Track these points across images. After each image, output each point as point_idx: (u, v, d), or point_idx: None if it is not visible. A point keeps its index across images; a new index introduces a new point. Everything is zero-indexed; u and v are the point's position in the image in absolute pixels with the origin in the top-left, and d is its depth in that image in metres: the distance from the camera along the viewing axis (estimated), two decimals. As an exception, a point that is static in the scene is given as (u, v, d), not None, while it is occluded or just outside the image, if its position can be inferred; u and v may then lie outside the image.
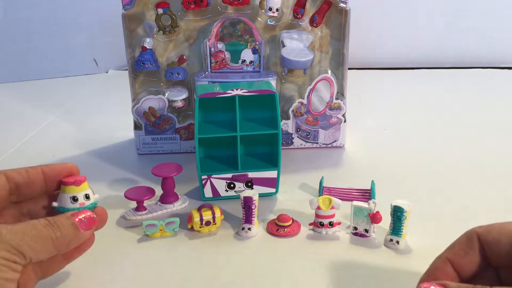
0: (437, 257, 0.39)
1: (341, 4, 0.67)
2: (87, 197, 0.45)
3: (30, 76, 1.16)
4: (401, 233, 0.51)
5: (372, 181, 0.62)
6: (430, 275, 0.38)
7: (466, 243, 0.38)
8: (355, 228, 0.54)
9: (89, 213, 0.42)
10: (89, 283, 0.48)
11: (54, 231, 0.39)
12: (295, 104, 0.72)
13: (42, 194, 0.45)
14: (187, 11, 0.68)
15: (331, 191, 0.62)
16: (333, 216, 0.54)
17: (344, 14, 0.68)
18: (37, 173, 0.43)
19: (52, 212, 0.44)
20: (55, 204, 0.45)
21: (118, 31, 0.69)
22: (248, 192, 0.54)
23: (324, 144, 0.75)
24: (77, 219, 0.41)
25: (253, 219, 0.55)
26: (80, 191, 0.45)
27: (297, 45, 0.69)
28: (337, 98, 0.72)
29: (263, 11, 0.68)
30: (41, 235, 0.38)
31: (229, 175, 0.60)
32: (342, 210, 0.54)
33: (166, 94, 0.71)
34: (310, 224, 0.55)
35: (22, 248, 0.36)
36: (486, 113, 0.89)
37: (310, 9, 0.69)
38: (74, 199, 0.44)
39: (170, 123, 0.72)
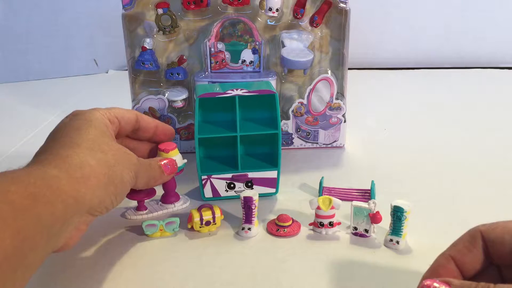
0: (440, 255, 0.39)
1: (341, 4, 0.67)
2: None
3: (30, 76, 1.16)
4: (401, 233, 0.51)
5: (372, 181, 0.62)
6: (433, 272, 0.38)
7: (469, 241, 0.38)
8: (355, 228, 0.54)
9: (171, 161, 0.55)
10: (89, 283, 0.48)
11: (152, 171, 0.52)
12: (295, 104, 0.72)
13: (147, 140, 0.58)
14: (187, 11, 0.68)
15: (331, 191, 0.62)
16: (333, 216, 0.54)
17: (344, 14, 0.68)
18: (153, 125, 0.57)
19: (149, 155, 0.59)
20: None
21: (118, 31, 0.69)
22: (248, 192, 0.54)
23: (324, 144, 0.75)
24: (162, 163, 0.54)
25: (253, 219, 0.55)
26: (167, 157, 0.56)
27: (297, 45, 0.69)
28: (337, 98, 0.72)
29: (263, 11, 0.68)
30: (148, 170, 0.51)
31: (229, 175, 0.61)
32: (342, 210, 0.54)
33: (166, 94, 0.71)
34: (310, 224, 0.55)
35: (139, 173, 0.49)
36: (486, 113, 0.89)
37: (310, 9, 0.69)
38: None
39: (170, 123, 0.72)
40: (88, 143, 0.45)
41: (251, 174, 0.61)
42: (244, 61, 0.70)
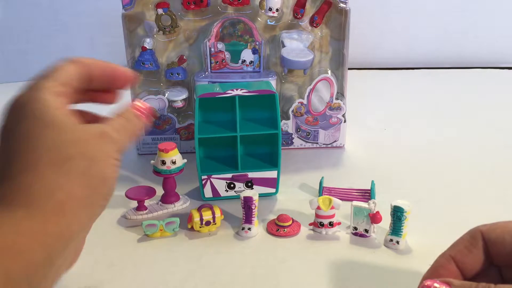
0: (440, 255, 0.39)
1: (341, 4, 0.67)
2: (173, 162, 0.58)
3: (30, 76, 1.15)
4: (401, 233, 0.51)
5: (372, 181, 0.62)
6: (434, 272, 0.38)
7: (470, 241, 0.38)
8: (355, 228, 0.54)
9: (146, 106, 0.44)
10: (89, 283, 0.48)
11: (131, 124, 0.42)
12: (295, 104, 0.72)
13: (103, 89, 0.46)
14: (187, 11, 0.68)
15: (331, 191, 0.62)
16: (333, 216, 0.54)
17: (344, 14, 0.68)
18: (109, 69, 0.45)
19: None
20: (152, 161, 0.59)
21: (118, 31, 0.69)
22: (248, 192, 0.54)
23: (324, 144, 0.75)
24: (136, 111, 0.43)
25: (253, 219, 0.55)
26: (167, 157, 0.57)
27: (297, 45, 0.69)
28: (337, 98, 0.72)
29: (263, 11, 0.68)
30: (127, 130, 0.41)
31: (229, 175, 0.61)
32: (342, 210, 0.54)
33: (166, 94, 0.71)
34: (310, 224, 0.55)
35: (120, 144, 0.40)
36: (486, 113, 0.89)
37: (310, 9, 0.69)
38: (163, 162, 0.58)
39: (170, 123, 0.72)
40: (48, 156, 0.35)
41: (251, 174, 0.61)
42: (244, 61, 0.70)
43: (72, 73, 0.42)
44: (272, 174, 0.61)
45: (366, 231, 0.53)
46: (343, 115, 0.73)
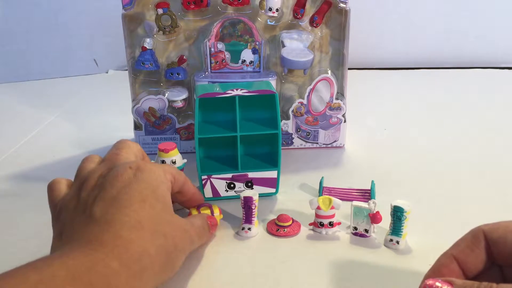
0: (442, 254, 0.39)
1: (341, 4, 0.67)
2: (173, 162, 0.59)
3: (30, 76, 1.16)
4: (401, 233, 0.51)
5: (372, 181, 0.62)
6: (435, 271, 0.38)
7: (471, 241, 0.38)
8: (355, 228, 0.54)
9: (213, 218, 0.53)
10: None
11: (205, 233, 0.50)
12: (295, 104, 0.72)
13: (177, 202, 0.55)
14: (187, 11, 0.68)
15: (331, 191, 0.62)
16: (333, 216, 0.54)
17: (344, 14, 0.68)
18: (192, 192, 0.54)
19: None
20: (152, 162, 0.57)
21: (118, 31, 0.69)
22: (248, 192, 0.54)
23: (324, 144, 0.75)
24: (210, 222, 0.51)
25: (253, 219, 0.55)
26: (167, 157, 0.58)
27: (297, 45, 0.69)
28: (337, 98, 0.72)
29: (263, 11, 0.68)
30: (201, 233, 0.49)
31: (229, 175, 0.61)
32: (342, 210, 0.54)
33: (166, 94, 0.71)
34: (310, 224, 0.55)
35: (194, 239, 0.47)
36: (486, 113, 0.89)
37: (310, 9, 0.69)
38: (163, 162, 0.59)
39: (170, 123, 0.72)
40: (152, 224, 0.41)
41: (251, 174, 0.61)
42: (244, 61, 0.70)
43: (177, 173, 0.50)
44: (272, 174, 0.61)
45: (366, 231, 0.53)
46: (343, 115, 0.73)
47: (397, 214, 0.51)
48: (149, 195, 0.43)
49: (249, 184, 0.61)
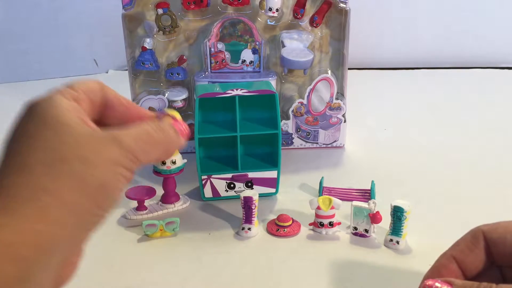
0: (441, 254, 0.39)
1: (341, 4, 0.67)
2: (173, 162, 0.58)
3: (30, 76, 1.16)
4: (401, 233, 0.51)
5: (372, 181, 0.62)
6: (435, 272, 0.38)
7: (471, 241, 0.38)
8: (355, 228, 0.54)
9: (184, 125, 0.40)
10: (89, 283, 0.48)
11: (164, 135, 0.37)
12: (295, 104, 0.72)
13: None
14: (187, 11, 0.68)
15: (331, 191, 0.62)
16: (333, 216, 0.54)
17: (344, 14, 0.68)
18: (123, 101, 0.39)
19: None
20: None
21: (118, 31, 0.69)
22: (248, 192, 0.54)
23: (324, 144, 0.75)
24: (177, 127, 0.39)
25: (253, 219, 0.55)
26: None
27: (297, 45, 0.69)
28: (337, 98, 0.72)
29: (263, 11, 0.68)
30: (153, 139, 0.37)
31: (229, 175, 0.61)
32: (342, 210, 0.54)
33: (166, 94, 0.71)
34: (310, 224, 0.55)
35: (137, 153, 0.35)
36: (486, 113, 0.89)
37: (310, 9, 0.69)
38: (163, 162, 0.58)
39: (170, 123, 0.72)
40: (43, 156, 0.32)
41: (251, 174, 0.61)
42: (244, 61, 0.70)
43: (91, 86, 0.38)
44: (272, 174, 0.61)
45: (366, 231, 0.53)
46: (343, 115, 0.73)
47: (397, 214, 0.51)
48: (36, 127, 0.35)
49: (249, 184, 0.61)
